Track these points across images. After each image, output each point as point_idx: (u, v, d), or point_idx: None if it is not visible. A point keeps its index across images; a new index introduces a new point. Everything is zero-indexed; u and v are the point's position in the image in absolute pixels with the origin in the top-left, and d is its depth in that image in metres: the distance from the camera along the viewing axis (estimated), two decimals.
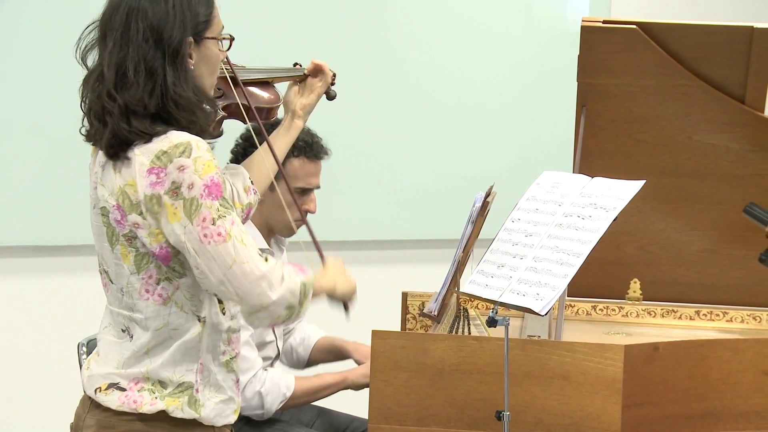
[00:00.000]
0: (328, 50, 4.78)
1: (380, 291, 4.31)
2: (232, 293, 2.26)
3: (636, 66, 3.38)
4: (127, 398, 2.33)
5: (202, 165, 2.24)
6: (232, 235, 2.23)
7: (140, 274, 2.31)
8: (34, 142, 4.37)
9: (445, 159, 5.06)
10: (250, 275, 2.23)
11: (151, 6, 2.28)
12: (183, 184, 2.22)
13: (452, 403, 2.74)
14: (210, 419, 2.38)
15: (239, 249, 2.23)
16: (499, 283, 2.53)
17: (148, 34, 2.27)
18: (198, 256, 2.23)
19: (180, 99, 2.27)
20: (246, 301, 2.26)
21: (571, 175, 2.72)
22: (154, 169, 2.24)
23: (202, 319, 2.34)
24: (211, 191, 2.23)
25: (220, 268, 2.23)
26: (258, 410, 3.23)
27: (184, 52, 2.30)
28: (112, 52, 2.29)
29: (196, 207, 2.22)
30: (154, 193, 2.24)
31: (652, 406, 2.79)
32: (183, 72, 2.29)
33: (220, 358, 2.39)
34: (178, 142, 2.25)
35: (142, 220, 2.27)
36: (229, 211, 2.25)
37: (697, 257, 3.66)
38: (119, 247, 2.31)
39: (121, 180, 2.28)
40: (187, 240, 2.23)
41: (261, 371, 3.22)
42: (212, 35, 2.36)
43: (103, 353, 2.40)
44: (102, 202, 2.33)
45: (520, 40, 5.18)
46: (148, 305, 2.32)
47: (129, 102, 2.26)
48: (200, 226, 2.22)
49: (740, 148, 3.49)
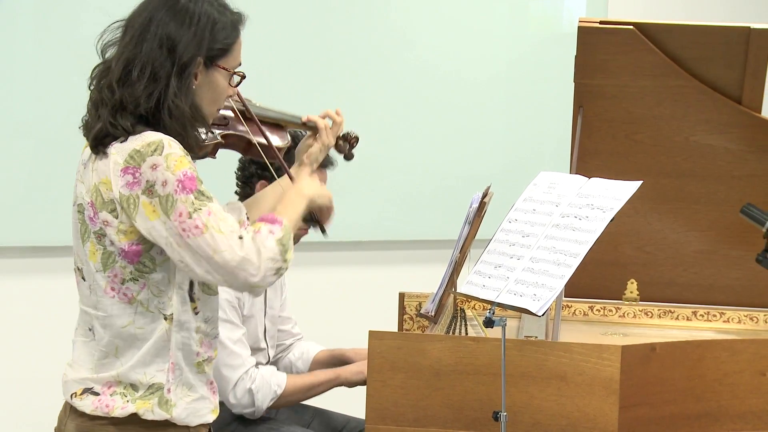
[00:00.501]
0: (322, 51, 4.79)
1: (377, 291, 4.32)
2: (219, 280, 2.29)
3: (633, 66, 3.38)
4: (101, 402, 2.35)
5: (174, 161, 2.27)
6: (209, 226, 2.25)
7: (106, 272, 2.33)
8: (24, 141, 4.36)
9: (442, 160, 5.06)
10: (231, 263, 2.25)
11: (174, 18, 2.33)
12: (157, 182, 2.26)
13: (449, 404, 2.74)
14: (182, 419, 2.38)
15: (217, 238, 2.25)
16: (496, 283, 2.53)
17: (164, 41, 2.31)
18: (181, 250, 2.26)
19: (176, 110, 2.31)
20: (234, 285, 2.31)
21: (568, 175, 2.72)
22: (129, 168, 2.27)
23: (168, 316, 2.35)
24: (185, 185, 2.26)
25: (203, 259, 2.26)
26: (249, 408, 3.23)
27: (191, 70, 2.34)
28: (126, 48, 2.33)
29: (172, 203, 2.25)
30: (132, 194, 2.27)
31: (649, 407, 2.79)
32: (185, 87, 2.33)
33: (193, 359, 2.39)
34: (151, 140, 2.28)
35: (113, 218, 2.30)
36: (204, 203, 2.27)
37: (694, 258, 3.66)
38: (89, 244, 2.35)
39: (96, 177, 2.32)
40: (170, 235, 2.26)
41: (252, 369, 3.22)
42: (224, 65, 2.39)
43: (75, 357, 2.43)
44: (79, 199, 2.37)
45: (516, 40, 5.18)
46: (113, 303, 2.34)
47: (124, 98, 2.30)
48: (177, 221, 2.25)
49: (737, 149, 3.49)
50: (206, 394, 2.43)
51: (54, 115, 4.28)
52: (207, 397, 2.43)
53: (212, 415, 2.44)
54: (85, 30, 2.39)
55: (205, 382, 2.43)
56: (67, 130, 2.40)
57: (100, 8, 4.28)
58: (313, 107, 2.83)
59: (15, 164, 4.33)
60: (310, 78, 4.72)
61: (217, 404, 2.47)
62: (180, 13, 2.34)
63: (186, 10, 2.34)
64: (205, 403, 2.42)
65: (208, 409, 2.43)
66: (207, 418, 2.43)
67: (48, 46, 4.31)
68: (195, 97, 2.36)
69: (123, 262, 2.32)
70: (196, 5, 2.35)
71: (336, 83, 4.79)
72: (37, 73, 4.34)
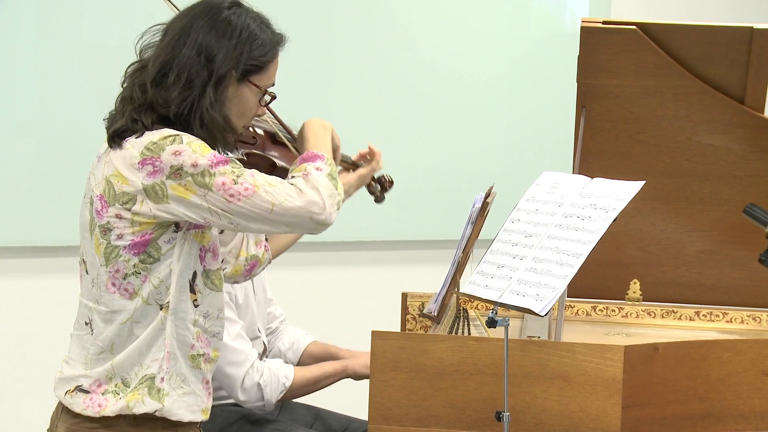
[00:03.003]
0: (323, 49, 4.79)
1: (380, 292, 4.32)
2: (285, 229, 2.35)
3: (636, 67, 3.38)
4: (92, 401, 2.36)
5: (198, 146, 2.29)
6: (259, 185, 2.30)
7: (108, 267, 2.34)
8: (25, 141, 4.36)
9: (444, 160, 5.06)
10: (293, 209, 2.31)
11: (216, 28, 2.35)
12: (184, 164, 2.27)
13: (452, 404, 2.74)
14: (173, 411, 2.37)
15: (272, 191, 2.30)
16: (498, 283, 2.53)
17: (202, 50, 2.33)
18: (230, 214, 2.29)
19: (208, 120, 2.33)
20: (299, 228, 2.36)
21: (570, 175, 2.72)
22: (147, 159, 2.28)
23: (165, 305, 2.35)
24: (219, 160, 2.29)
25: (263, 215, 2.30)
26: (259, 402, 3.22)
27: (227, 83, 2.35)
28: (164, 50, 2.35)
29: (210, 177, 2.28)
30: (156, 182, 2.28)
31: (651, 407, 2.79)
32: (221, 99, 2.35)
33: (188, 351, 2.39)
34: (168, 134, 2.30)
35: (125, 210, 2.31)
36: (242, 169, 2.31)
37: (696, 258, 3.66)
38: (94, 238, 2.36)
39: (108, 170, 2.33)
40: (211, 205, 2.29)
41: (258, 362, 3.22)
42: (256, 83, 2.40)
43: (71, 352, 2.44)
44: (90, 192, 2.38)
45: (519, 40, 5.18)
46: (114, 299, 2.35)
47: (156, 99, 2.32)
48: (221, 190, 2.28)
49: (740, 149, 3.49)
50: (199, 392, 2.42)
51: (55, 115, 4.28)
52: (200, 395, 2.42)
53: (203, 416, 2.44)
54: (86, 30, 2.39)
55: (200, 380, 2.42)
56: (69, 130, 2.41)
57: (102, 9, 4.31)
58: (314, 107, 2.84)
59: (16, 164, 4.33)
60: (312, 78, 4.72)
61: (209, 406, 2.46)
62: (221, 23, 2.35)
63: (228, 22, 2.35)
64: (197, 400, 2.41)
65: (199, 406, 2.42)
66: (197, 416, 2.42)
67: (50, 46, 4.31)
68: (224, 108, 2.37)
69: (127, 256, 2.32)
70: (239, 18, 2.36)
71: (338, 83, 4.79)
72: (38, 73, 4.34)
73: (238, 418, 3.28)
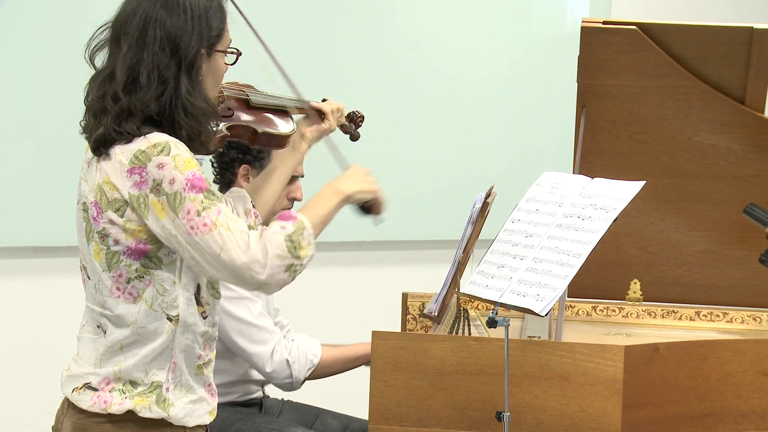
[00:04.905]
0: (324, 51, 4.79)
1: (380, 292, 4.31)
2: (227, 278, 2.29)
3: (636, 67, 3.38)
4: (99, 398, 2.35)
5: (182, 162, 2.27)
6: (217, 224, 2.25)
7: (111, 272, 2.33)
8: (26, 141, 4.36)
9: (445, 160, 5.06)
10: (237, 261, 2.25)
11: (169, 16, 2.32)
12: (164, 180, 2.25)
13: (452, 404, 2.74)
14: (179, 419, 2.37)
15: (225, 236, 2.25)
16: (499, 283, 2.53)
17: (165, 43, 2.30)
18: (190, 248, 2.26)
19: (191, 108, 2.31)
20: (242, 284, 2.30)
21: (571, 175, 2.72)
22: (135, 168, 2.27)
23: (174, 317, 2.35)
24: (194, 185, 2.26)
25: (211, 257, 2.25)
26: (287, 379, 3.21)
27: (199, 64, 2.34)
28: (126, 55, 2.31)
29: (180, 201, 2.25)
30: (141, 193, 2.27)
31: (652, 407, 2.79)
32: (197, 83, 2.33)
33: (195, 362, 2.39)
34: (156, 141, 2.28)
35: (118, 217, 2.29)
36: (214, 203, 2.27)
37: (697, 258, 3.66)
38: (93, 244, 2.35)
39: (100, 177, 2.32)
40: (178, 233, 2.26)
41: (285, 340, 3.21)
42: (221, 48, 2.39)
43: (81, 352, 2.43)
44: (83, 198, 2.37)
45: (519, 40, 5.18)
46: (119, 303, 2.34)
47: (133, 105, 2.29)
48: (185, 218, 2.25)
49: (740, 149, 3.49)
50: (204, 396, 2.43)
51: (56, 115, 4.28)
52: (205, 399, 2.43)
53: (209, 417, 2.44)
54: (88, 30, 2.38)
55: (202, 384, 2.43)
56: (70, 130, 2.40)
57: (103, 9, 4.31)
58: None
59: (17, 164, 4.33)
60: (313, 78, 4.71)
61: (215, 406, 2.46)
62: (174, 9, 2.32)
63: (178, 4, 2.32)
64: (202, 405, 2.42)
65: (205, 410, 2.43)
66: (204, 419, 2.42)
67: (50, 46, 4.31)
68: (201, 89, 2.35)
69: (128, 260, 2.32)
70: None
71: (339, 83, 4.78)
72: (39, 73, 4.34)
73: (239, 418, 3.28)
